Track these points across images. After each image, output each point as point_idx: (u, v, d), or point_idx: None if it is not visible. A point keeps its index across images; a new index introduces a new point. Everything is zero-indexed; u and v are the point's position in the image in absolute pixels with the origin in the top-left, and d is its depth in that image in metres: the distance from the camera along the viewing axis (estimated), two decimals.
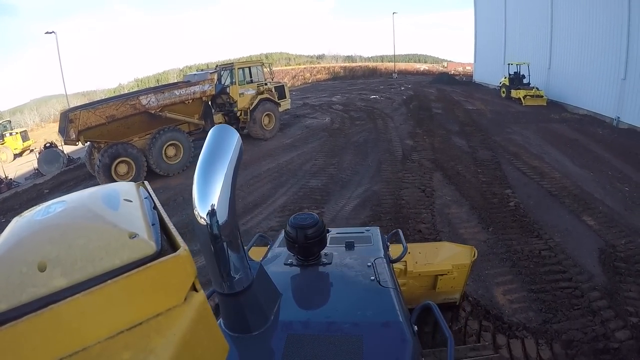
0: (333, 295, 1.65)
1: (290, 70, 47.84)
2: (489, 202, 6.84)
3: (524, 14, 21.07)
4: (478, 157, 9.26)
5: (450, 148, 10.12)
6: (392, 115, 15.23)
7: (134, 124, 10.27)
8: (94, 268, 0.60)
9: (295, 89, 33.61)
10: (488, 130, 12.19)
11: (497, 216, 6.25)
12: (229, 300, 1.27)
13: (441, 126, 12.89)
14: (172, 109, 10.75)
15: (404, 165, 8.83)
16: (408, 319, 1.47)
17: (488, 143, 10.58)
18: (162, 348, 0.62)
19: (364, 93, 23.85)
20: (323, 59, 61.48)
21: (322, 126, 13.91)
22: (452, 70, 46.75)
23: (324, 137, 12.16)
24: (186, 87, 10.86)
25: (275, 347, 1.29)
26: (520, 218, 6.16)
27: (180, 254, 0.67)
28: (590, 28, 15.37)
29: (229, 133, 1.18)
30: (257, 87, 12.93)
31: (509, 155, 9.51)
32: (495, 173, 8.23)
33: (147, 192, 0.95)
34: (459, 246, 3.92)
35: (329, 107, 18.33)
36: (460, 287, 3.73)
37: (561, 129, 12.47)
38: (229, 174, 1.11)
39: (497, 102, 18.06)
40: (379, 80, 35.15)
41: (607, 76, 14.38)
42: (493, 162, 8.91)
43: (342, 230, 2.34)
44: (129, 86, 49.33)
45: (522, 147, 10.26)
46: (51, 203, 0.75)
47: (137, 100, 10.05)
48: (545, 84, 18.38)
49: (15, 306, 0.55)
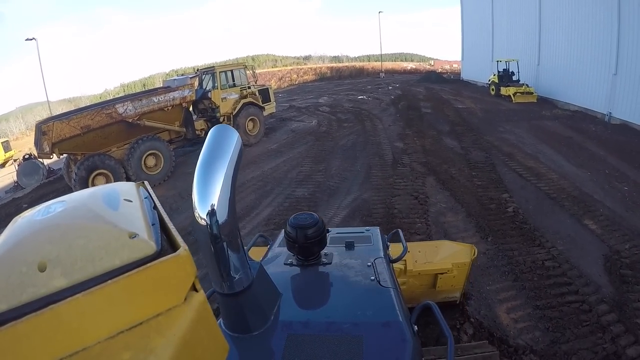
0: (333, 295, 1.65)
1: (277, 72, 47.98)
2: (486, 208, 6.49)
3: (511, 9, 20.95)
4: (471, 159, 8.93)
5: (442, 150, 9.77)
6: (380, 117, 14.87)
7: (111, 134, 9.74)
8: (94, 268, 0.60)
9: (281, 91, 33.20)
10: (480, 129, 11.90)
11: (495, 223, 5.90)
12: (229, 300, 1.26)
13: (431, 126, 12.56)
14: (151, 117, 10.22)
15: (394, 169, 8.44)
16: (408, 318, 1.46)
17: (481, 143, 10.27)
18: (162, 348, 0.62)
19: (352, 94, 23.49)
20: (310, 59, 61.87)
21: (308, 129, 13.46)
22: (439, 68, 46.95)
23: (310, 142, 11.72)
24: (165, 93, 10.35)
25: (275, 347, 1.28)
26: (520, 225, 5.82)
27: (180, 253, 0.67)
28: (579, 22, 15.22)
29: (229, 133, 1.18)
30: (240, 90, 12.42)
31: (503, 155, 9.20)
32: (491, 176, 7.90)
33: (147, 192, 0.95)
34: (458, 244, 3.88)
35: (315, 109, 17.90)
36: (461, 285, 3.71)
37: (554, 127, 12.25)
38: (229, 173, 1.11)
39: (487, 100, 17.85)
40: (366, 80, 34.87)
41: (597, 71, 14.24)
42: (487, 164, 8.59)
43: (342, 230, 2.33)
44: (114, 91, 48.46)
45: (516, 146, 9.98)
46: (51, 203, 0.75)
47: (113, 109, 9.52)
48: (534, 81, 18.24)
49: (15, 306, 0.54)
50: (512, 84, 17.84)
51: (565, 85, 16.21)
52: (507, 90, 17.50)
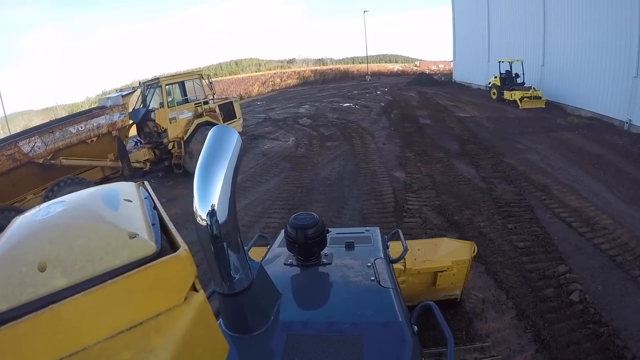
0: (333, 296, 1.64)
1: (260, 76, 46.95)
2: (542, 296, 4.20)
3: (510, 4, 18.83)
4: (499, 198, 6.62)
5: (457, 183, 7.43)
6: (371, 131, 12.51)
7: (20, 180, 7.17)
8: (94, 268, 0.60)
9: (260, 98, 30.70)
10: (495, 147, 9.65)
11: (562, 331, 3.65)
12: (229, 300, 1.25)
13: (436, 144, 10.24)
14: (71, 153, 7.64)
15: (398, 221, 6.03)
16: (408, 319, 1.46)
17: (503, 169, 8.01)
18: (162, 348, 0.62)
19: (336, 100, 21.08)
20: (294, 63, 60.78)
21: (283, 152, 10.95)
22: (426, 69, 45.20)
23: (285, 171, 9.22)
24: (87, 120, 7.73)
25: (275, 347, 1.28)
26: (596, 329, 3.62)
27: (180, 254, 0.67)
28: (592, 16, 13.20)
29: (229, 133, 1.18)
30: (194, 107, 9.88)
31: (536, 189, 6.96)
32: (532, 228, 5.60)
33: (147, 192, 0.96)
34: (458, 242, 3.84)
35: (294, 122, 15.42)
36: (461, 283, 3.64)
37: (576, 140, 10.17)
38: (229, 174, 1.10)
39: (490, 106, 15.69)
40: (351, 84, 32.57)
41: (614, 73, 12.37)
42: (522, 206, 6.30)
43: (342, 230, 2.31)
44: (96, 99, 45.36)
45: (546, 173, 7.78)
46: (51, 203, 0.75)
47: (16, 148, 6.92)
48: (538, 83, 16.19)
49: (15, 306, 0.55)
50: (517, 87, 15.73)
51: (574, 88, 14.25)
52: (513, 94, 15.38)
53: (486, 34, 21.85)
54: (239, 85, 46.19)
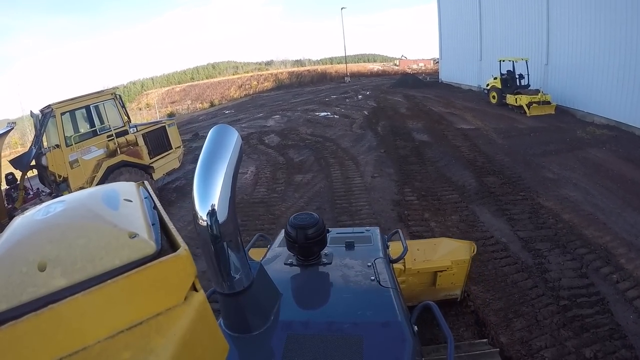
0: (333, 295, 1.63)
1: (237, 79, 46.35)
2: None
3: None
4: (559, 287, 4.07)
5: (488, 255, 4.82)
6: (354, 154, 9.88)
7: None
8: (94, 268, 0.59)
9: (230, 106, 27.78)
10: (521, 179, 7.20)
11: None
12: (229, 300, 1.25)
13: (443, 177, 7.67)
14: None
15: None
16: (408, 318, 1.45)
17: (544, 221, 5.56)
18: (162, 348, 0.61)
19: (312, 109, 18.37)
20: (272, 64, 59.35)
21: (236, 195, 8.19)
22: (406, 67, 43.19)
23: None
24: None
25: (275, 347, 1.28)
26: None
27: (180, 253, 0.66)
28: (606, 6, 11.02)
29: (229, 133, 1.17)
30: (105, 141, 7.02)
31: (597, 256, 4.64)
32: (619, 353, 3.12)
33: (147, 192, 0.94)
34: (457, 241, 3.75)
35: (259, 141, 12.58)
36: (461, 282, 3.56)
37: (611, 163, 7.99)
38: (229, 174, 1.10)
39: (493, 113, 13.36)
40: (330, 87, 30.00)
41: (633, 74, 10.33)
42: (592, 301, 3.84)
43: (342, 230, 2.28)
44: None
45: (598, 222, 5.48)
46: (51, 203, 0.73)
47: None
48: (542, 84, 13.98)
49: (15, 306, 0.54)
50: (522, 90, 13.44)
51: (585, 90, 12.20)
52: (518, 99, 13.10)
53: (477, 30, 19.62)
54: (215, 89, 43.36)
